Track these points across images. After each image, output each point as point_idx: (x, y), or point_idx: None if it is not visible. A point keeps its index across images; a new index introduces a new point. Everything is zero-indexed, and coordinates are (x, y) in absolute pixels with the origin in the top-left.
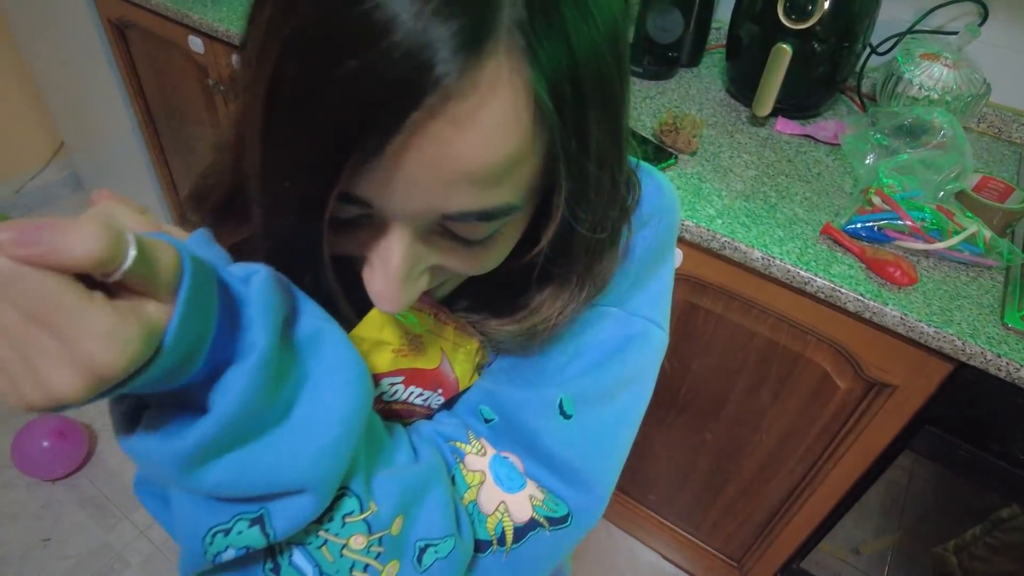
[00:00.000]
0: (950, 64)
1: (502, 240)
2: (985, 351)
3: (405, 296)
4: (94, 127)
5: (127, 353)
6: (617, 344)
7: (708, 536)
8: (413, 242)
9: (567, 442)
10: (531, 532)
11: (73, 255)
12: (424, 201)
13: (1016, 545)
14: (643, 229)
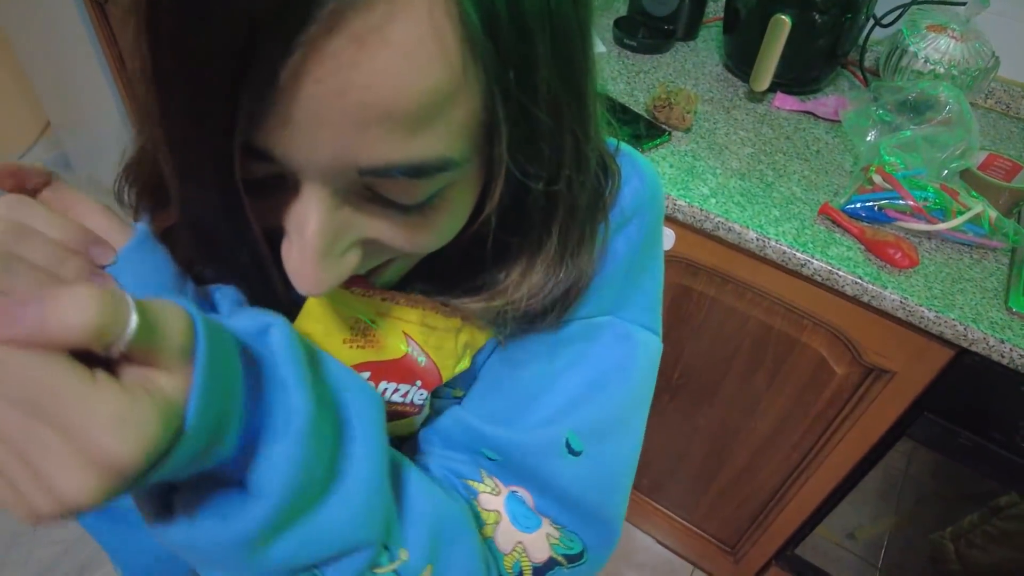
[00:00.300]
0: (957, 36)
1: (447, 209)
2: (988, 336)
3: (327, 275)
4: (79, 106)
5: (144, 439)
6: (619, 364)
7: (702, 521)
8: (333, 208)
9: (579, 480)
10: (549, 572)
11: (65, 330)
12: (333, 148)
13: (1014, 533)
14: (627, 226)
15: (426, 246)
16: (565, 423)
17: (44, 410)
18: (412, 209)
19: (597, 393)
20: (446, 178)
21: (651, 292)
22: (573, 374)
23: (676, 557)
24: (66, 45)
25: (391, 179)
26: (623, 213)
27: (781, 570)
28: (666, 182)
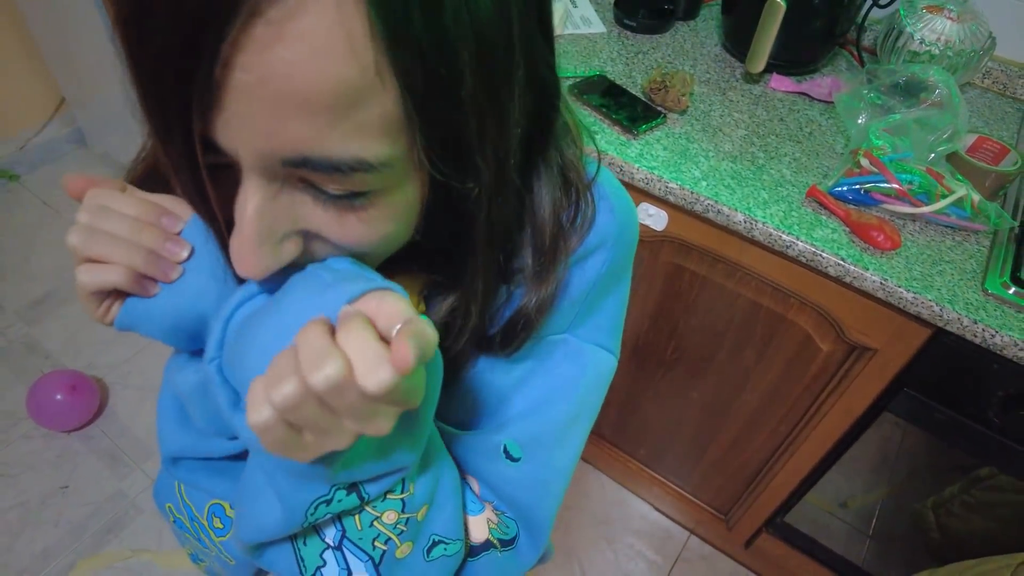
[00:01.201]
0: (954, 17)
1: (383, 209)
2: (962, 317)
3: (263, 260)
4: (95, 83)
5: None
6: (566, 382)
7: (697, 489)
8: (269, 196)
9: (515, 483)
10: (484, 552)
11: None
12: (260, 138)
13: (991, 503)
14: (590, 258)
15: (367, 244)
16: (507, 432)
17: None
18: (343, 202)
19: (542, 408)
20: (368, 180)
21: (611, 313)
22: (524, 389)
23: (673, 524)
24: (80, 23)
25: (312, 171)
26: (586, 247)
27: (772, 536)
28: (659, 164)
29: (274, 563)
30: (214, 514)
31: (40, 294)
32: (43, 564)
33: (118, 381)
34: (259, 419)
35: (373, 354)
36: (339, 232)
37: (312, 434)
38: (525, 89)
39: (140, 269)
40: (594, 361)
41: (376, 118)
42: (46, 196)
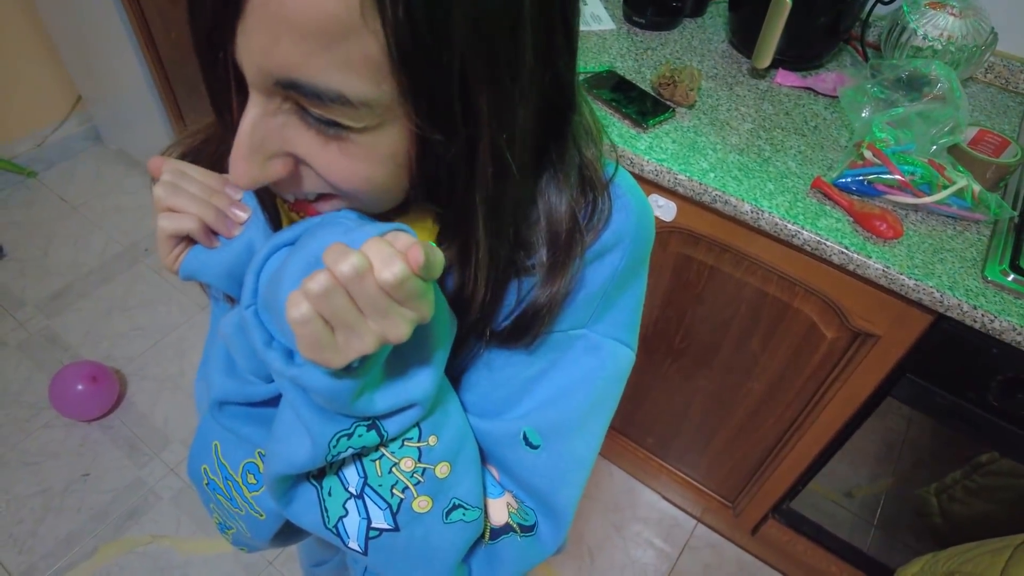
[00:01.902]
0: (956, 13)
1: (364, 150)
2: (962, 303)
3: (251, 170)
4: (110, 81)
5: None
6: (584, 375)
7: (704, 477)
8: (265, 114)
9: (534, 470)
10: (504, 535)
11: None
12: (258, 56)
13: (992, 488)
14: (608, 255)
15: (350, 182)
16: (526, 420)
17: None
18: (326, 129)
19: (562, 399)
20: (348, 114)
21: (628, 308)
22: (544, 380)
23: (680, 512)
24: (97, 21)
25: (297, 92)
26: (603, 245)
27: (778, 523)
28: (668, 157)
29: (300, 515)
30: (248, 472)
31: (59, 287)
32: (66, 548)
33: (135, 372)
34: (297, 312)
35: (389, 253)
36: (323, 162)
37: (341, 333)
38: (533, 75)
39: (209, 223)
40: (612, 355)
41: (358, 57)
42: (63, 192)
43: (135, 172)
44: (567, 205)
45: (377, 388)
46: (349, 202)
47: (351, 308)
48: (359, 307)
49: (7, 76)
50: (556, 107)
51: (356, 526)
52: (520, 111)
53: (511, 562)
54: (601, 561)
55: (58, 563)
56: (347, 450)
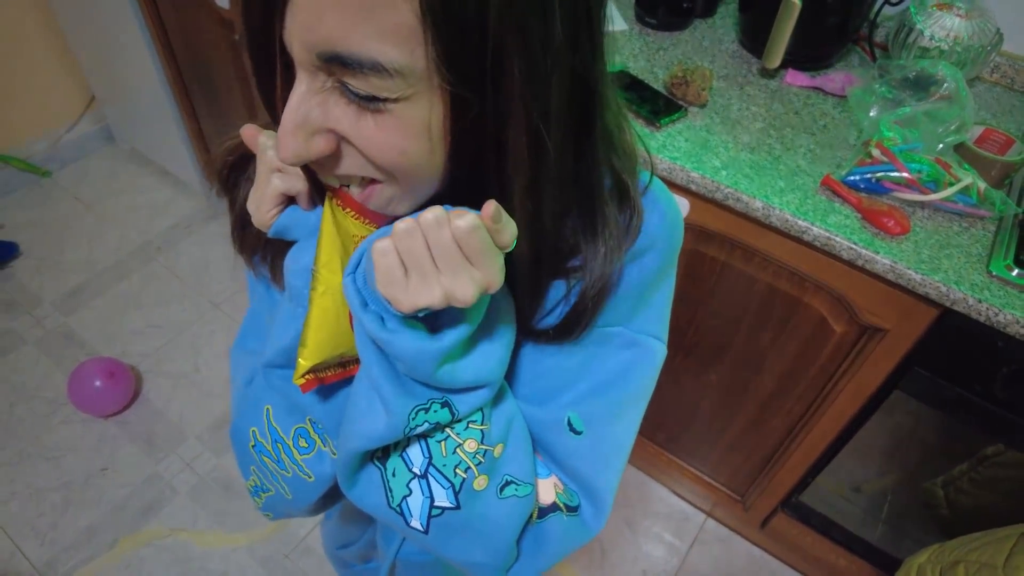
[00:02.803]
0: (963, 14)
1: (399, 121)
2: (968, 297)
3: (295, 144)
4: (124, 82)
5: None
6: (622, 367)
7: (714, 471)
8: (309, 92)
9: (578, 455)
10: (551, 513)
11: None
12: (303, 28)
13: (998, 479)
14: (642, 257)
15: (387, 156)
16: (571, 408)
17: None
18: (364, 103)
19: (602, 389)
20: (384, 85)
21: (660, 306)
22: (584, 372)
23: (690, 507)
24: (112, 23)
25: (339, 65)
26: (639, 247)
27: (787, 516)
28: (681, 155)
29: (364, 496)
30: (300, 436)
31: (74, 285)
32: (87, 540)
33: (150, 369)
34: (380, 245)
35: (464, 211)
36: (361, 136)
37: (415, 275)
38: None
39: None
40: (647, 349)
41: (392, 25)
42: (77, 191)
43: (148, 171)
44: (606, 205)
45: (458, 360)
46: (389, 187)
47: (426, 254)
48: (433, 257)
49: (22, 77)
50: (586, 92)
51: (419, 505)
52: (553, 85)
53: (556, 541)
54: (613, 555)
55: (79, 555)
56: (423, 424)
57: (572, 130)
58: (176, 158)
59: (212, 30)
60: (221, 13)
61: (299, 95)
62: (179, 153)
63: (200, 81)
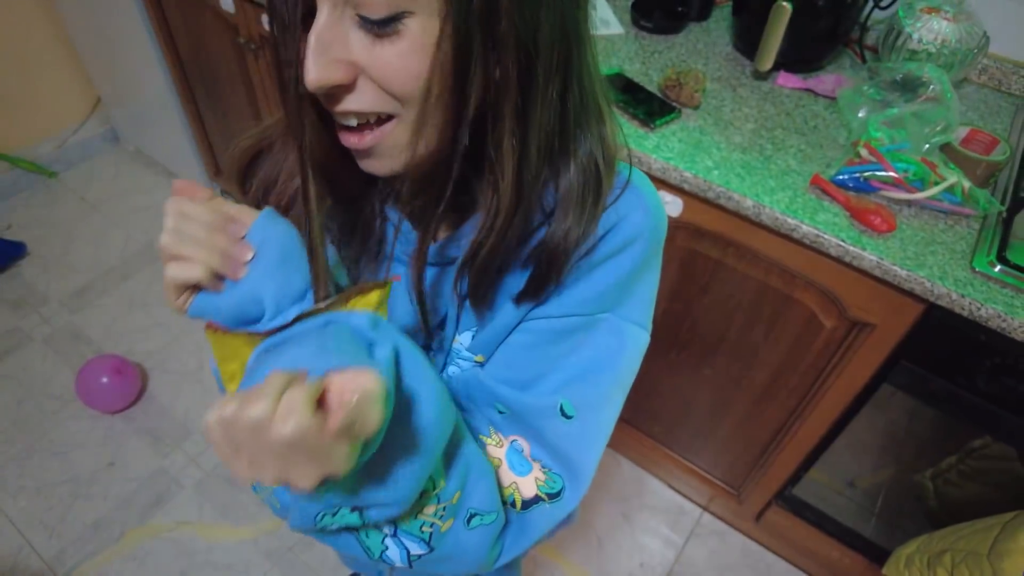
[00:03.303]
0: (950, 18)
1: (412, 44)
2: (951, 292)
3: (317, 68)
4: (129, 84)
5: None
6: (610, 353)
7: (709, 465)
8: (330, 23)
9: (568, 438)
10: (534, 504)
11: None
12: None
13: (985, 471)
14: (627, 249)
15: (394, 79)
16: (562, 394)
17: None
18: (381, 29)
19: (591, 374)
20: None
21: (645, 295)
22: (573, 358)
23: (686, 501)
24: (118, 25)
25: None
26: (624, 239)
27: (781, 509)
28: (675, 155)
29: (345, 549)
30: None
31: (81, 284)
32: (94, 534)
33: (156, 366)
34: (206, 420)
35: (298, 404)
36: (379, 63)
37: (244, 459)
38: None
39: (216, 268)
40: (632, 336)
41: None
42: (83, 192)
43: (152, 172)
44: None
45: (358, 488)
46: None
47: (254, 444)
48: (261, 447)
49: (29, 80)
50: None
51: (398, 555)
52: (542, 18)
53: (539, 526)
54: (610, 548)
55: (87, 548)
56: (334, 524)
57: (558, 66)
58: (181, 159)
59: (217, 32)
60: (226, 16)
61: (321, 24)
62: (184, 154)
63: (205, 83)
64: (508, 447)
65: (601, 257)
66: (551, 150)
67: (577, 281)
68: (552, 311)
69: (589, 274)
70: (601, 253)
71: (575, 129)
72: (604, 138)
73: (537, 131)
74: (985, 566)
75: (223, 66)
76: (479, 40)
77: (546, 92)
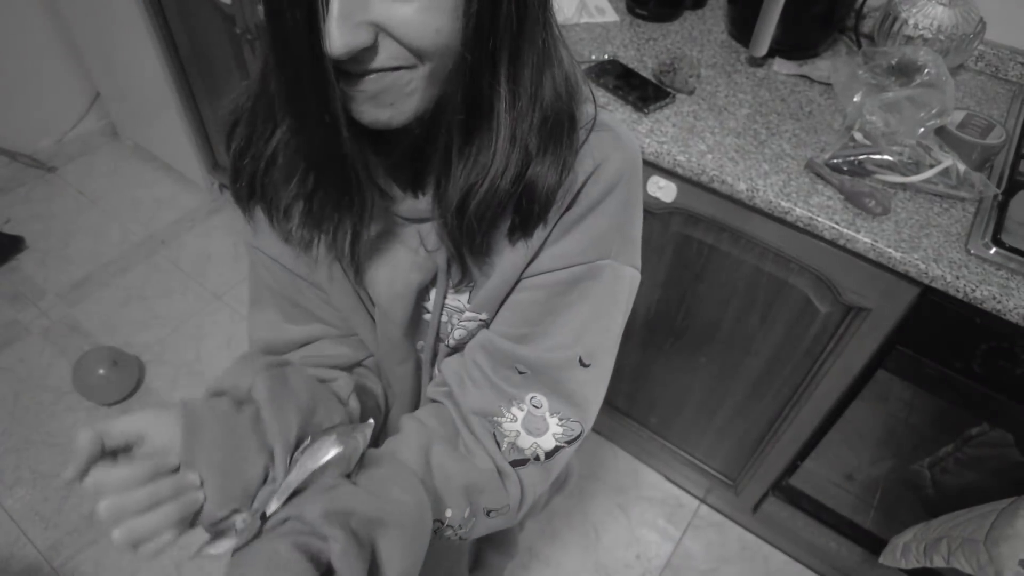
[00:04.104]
0: (946, 3)
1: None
2: (945, 274)
3: (343, 34)
4: (127, 77)
5: None
6: (616, 299)
7: (706, 456)
8: None
9: (586, 384)
10: (556, 453)
11: None
12: None
13: (982, 458)
14: (615, 190)
15: (423, 35)
16: (581, 345)
17: None
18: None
19: (600, 321)
20: None
21: (636, 236)
22: (583, 306)
23: (684, 493)
24: (115, 18)
25: None
26: (608, 183)
27: (778, 499)
28: (668, 140)
29: None
30: None
31: (78, 277)
32: (90, 525)
33: (153, 359)
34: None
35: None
36: (400, 21)
37: None
38: None
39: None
40: (630, 278)
41: None
42: (81, 186)
43: (151, 167)
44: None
45: None
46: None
47: None
48: None
49: (29, 75)
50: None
51: None
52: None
53: (560, 464)
54: (607, 539)
55: (82, 539)
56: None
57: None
58: (179, 153)
59: (214, 24)
60: (224, 10)
61: None
62: (182, 148)
63: (203, 77)
64: (524, 414)
65: (591, 203)
66: (537, 91)
67: (572, 230)
68: (556, 264)
69: (583, 221)
70: (590, 199)
71: (548, 69)
72: (568, 73)
73: (528, 72)
74: (982, 552)
75: (221, 58)
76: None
77: (534, 34)
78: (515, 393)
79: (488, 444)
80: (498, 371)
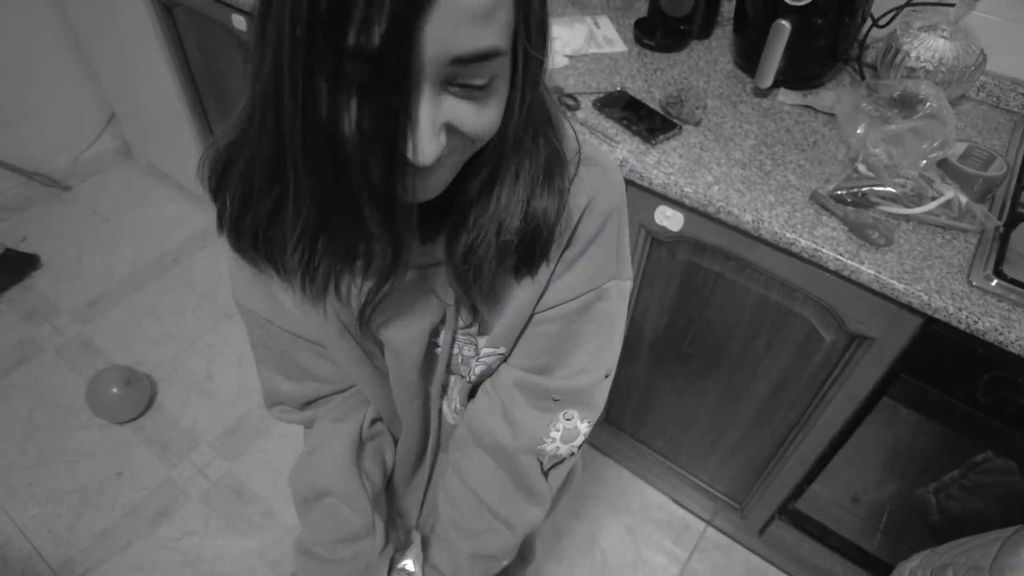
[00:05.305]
0: (947, 36)
1: (496, 94)
2: (948, 305)
3: (432, 147)
4: (143, 99)
5: None
6: (620, 311)
7: (712, 479)
8: (435, 97)
9: (606, 392)
10: (580, 447)
11: None
12: (439, 43)
13: (987, 485)
14: (611, 219)
15: (485, 128)
16: (601, 367)
17: None
18: (479, 93)
19: (612, 335)
20: (497, 66)
21: (628, 252)
22: (595, 326)
23: (690, 515)
24: (133, 43)
25: (469, 66)
26: (604, 214)
27: (784, 523)
28: (675, 171)
29: None
30: None
31: (92, 296)
32: (102, 542)
33: (165, 377)
34: None
35: None
36: (470, 121)
37: None
38: None
39: None
40: (628, 288)
41: (505, 17)
42: (96, 205)
43: (164, 186)
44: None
45: None
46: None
47: None
48: None
49: (46, 96)
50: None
51: None
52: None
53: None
54: (613, 561)
55: (94, 556)
56: None
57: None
58: (192, 173)
59: (228, 49)
60: (238, 35)
61: (427, 100)
62: (195, 168)
63: (217, 99)
64: (561, 432)
65: (590, 236)
66: (536, 136)
67: (576, 263)
68: (566, 295)
69: (585, 254)
70: (588, 232)
71: (543, 112)
72: (551, 114)
73: (533, 121)
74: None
75: (234, 83)
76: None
77: (535, 89)
78: (552, 418)
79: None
80: (535, 403)
